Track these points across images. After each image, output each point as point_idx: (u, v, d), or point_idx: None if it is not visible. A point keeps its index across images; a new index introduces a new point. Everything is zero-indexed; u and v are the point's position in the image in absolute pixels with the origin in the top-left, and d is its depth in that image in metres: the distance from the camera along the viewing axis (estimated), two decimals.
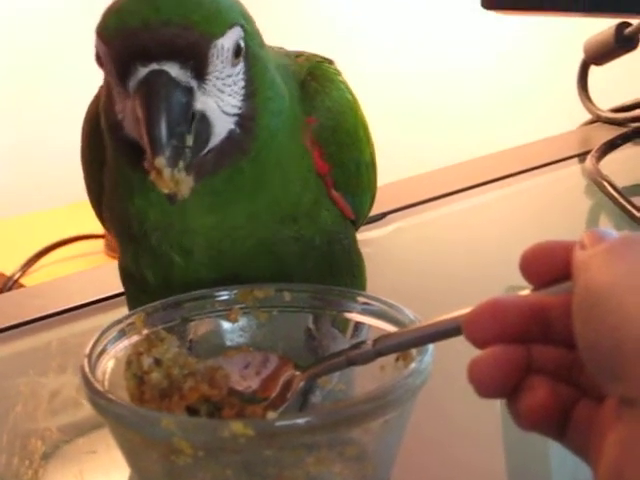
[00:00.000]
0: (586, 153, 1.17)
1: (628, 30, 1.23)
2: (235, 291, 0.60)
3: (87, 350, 0.54)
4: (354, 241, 0.67)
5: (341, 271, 0.65)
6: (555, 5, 1.12)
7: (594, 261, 0.40)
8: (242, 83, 0.55)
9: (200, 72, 0.52)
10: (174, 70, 0.51)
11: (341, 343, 0.59)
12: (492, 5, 1.14)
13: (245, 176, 0.57)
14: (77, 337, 0.80)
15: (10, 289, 1.57)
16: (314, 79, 0.62)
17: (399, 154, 1.69)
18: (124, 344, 0.56)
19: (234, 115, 0.55)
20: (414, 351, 0.52)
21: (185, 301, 0.60)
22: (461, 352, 0.44)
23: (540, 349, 0.43)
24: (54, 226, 1.75)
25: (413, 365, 0.50)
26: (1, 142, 2.05)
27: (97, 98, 0.61)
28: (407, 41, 1.84)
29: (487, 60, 1.76)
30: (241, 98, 0.55)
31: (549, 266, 0.44)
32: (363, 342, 0.52)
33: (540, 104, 1.69)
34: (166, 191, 0.51)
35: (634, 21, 1.21)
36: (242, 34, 0.54)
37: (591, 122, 1.38)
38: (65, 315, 0.84)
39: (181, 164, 0.51)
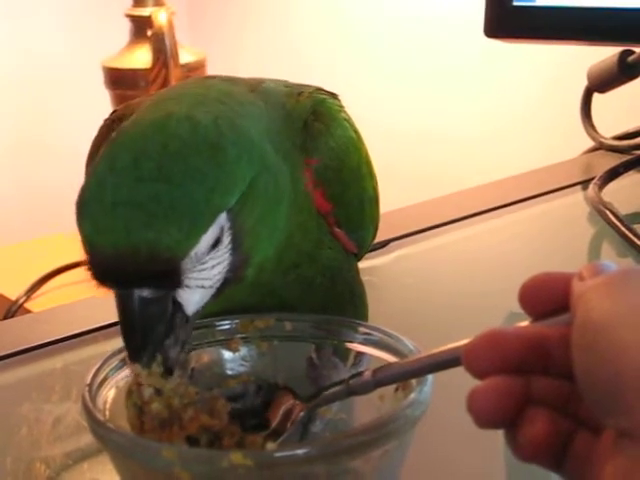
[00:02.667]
0: (589, 181, 1.16)
1: (631, 58, 1.22)
2: (236, 321, 0.60)
3: (88, 379, 0.54)
4: (356, 272, 0.67)
5: (343, 302, 0.65)
6: (558, 34, 1.12)
7: (592, 294, 0.40)
8: (228, 244, 0.51)
9: (175, 283, 0.50)
10: (147, 292, 0.49)
11: (342, 373, 0.59)
12: (495, 33, 1.14)
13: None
14: (81, 363, 0.80)
15: (15, 313, 1.57)
16: (317, 118, 0.61)
17: (400, 182, 1.70)
18: (125, 373, 0.56)
19: (221, 279, 0.52)
20: (413, 381, 0.52)
21: None
22: (460, 382, 0.44)
23: (539, 380, 0.43)
24: (58, 251, 1.75)
25: (412, 395, 0.50)
26: (6, 166, 2.06)
27: (106, 124, 0.62)
28: (409, 67, 1.85)
29: (489, 88, 1.76)
30: (228, 261, 0.52)
31: (548, 298, 0.44)
32: (363, 372, 0.52)
33: (543, 131, 1.69)
34: (150, 391, 0.51)
35: (637, 49, 1.21)
36: (227, 219, 0.50)
37: (594, 149, 1.38)
38: (69, 342, 0.84)
39: (160, 363, 0.50)
